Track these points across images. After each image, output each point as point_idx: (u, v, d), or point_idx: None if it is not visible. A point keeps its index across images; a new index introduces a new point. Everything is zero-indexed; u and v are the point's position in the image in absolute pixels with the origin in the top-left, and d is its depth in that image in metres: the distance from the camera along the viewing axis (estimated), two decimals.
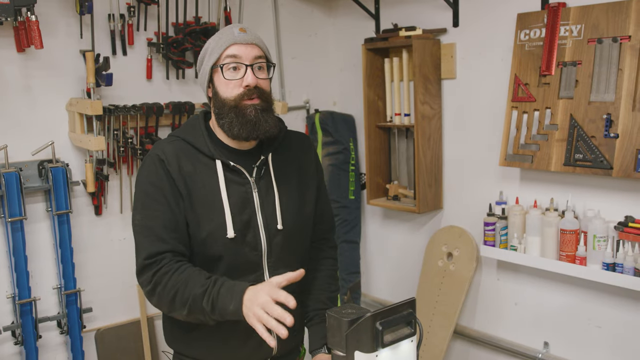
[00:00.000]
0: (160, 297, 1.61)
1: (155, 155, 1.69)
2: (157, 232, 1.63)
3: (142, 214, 1.66)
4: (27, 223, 2.55)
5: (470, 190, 2.94)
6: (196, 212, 1.67)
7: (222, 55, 1.66)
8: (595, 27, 2.33)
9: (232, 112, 1.66)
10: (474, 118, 2.88)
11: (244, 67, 1.66)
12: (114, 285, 2.86)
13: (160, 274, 1.60)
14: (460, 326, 3.03)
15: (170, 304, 1.60)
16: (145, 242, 1.63)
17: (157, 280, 1.60)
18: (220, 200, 1.68)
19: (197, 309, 1.56)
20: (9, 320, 2.58)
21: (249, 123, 1.65)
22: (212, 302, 1.54)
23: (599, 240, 2.34)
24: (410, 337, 1.41)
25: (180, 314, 1.60)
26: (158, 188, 1.66)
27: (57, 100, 2.65)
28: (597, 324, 2.54)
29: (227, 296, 1.53)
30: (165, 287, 1.59)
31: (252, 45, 1.68)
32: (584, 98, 2.36)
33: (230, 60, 1.65)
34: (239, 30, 1.67)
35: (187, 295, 1.56)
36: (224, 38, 1.67)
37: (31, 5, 2.34)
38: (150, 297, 1.64)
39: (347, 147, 3.44)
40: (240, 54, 1.65)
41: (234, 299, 1.52)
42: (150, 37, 2.86)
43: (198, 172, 1.69)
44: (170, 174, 1.66)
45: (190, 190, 1.67)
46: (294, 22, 3.43)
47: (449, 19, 2.91)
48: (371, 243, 3.57)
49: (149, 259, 1.62)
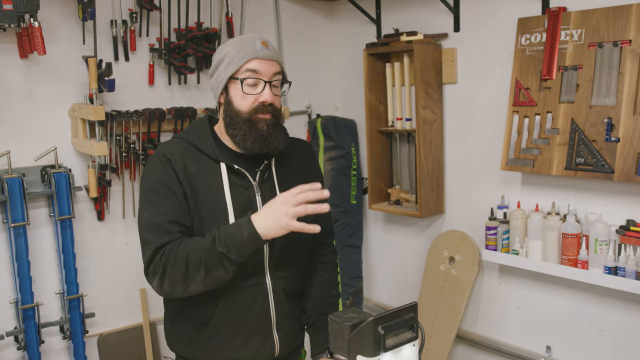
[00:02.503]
0: (172, 274, 1.58)
1: (161, 154, 1.70)
2: (165, 226, 1.63)
3: (149, 211, 1.66)
4: (30, 228, 2.56)
5: (471, 194, 2.95)
6: (200, 213, 1.67)
7: (242, 67, 1.66)
8: (596, 31, 2.33)
9: (245, 125, 1.67)
10: (475, 122, 2.89)
11: (262, 83, 1.67)
12: (117, 291, 2.87)
13: (166, 254, 1.59)
14: (462, 330, 3.03)
15: (185, 275, 1.57)
16: (154, 237, 1.62)
17: (164, 261, 1.58)
18: (224, 202, 1.68)
19: (213, 259, 1.54)
20: (11, 325, 2.58)
21: (260, 138, 1.67)
22: (225, 242, 1.54)
23: (601, 244, 2.34)
24: (412, 342, 1.42)
25: (198, 279, 1.57)
26: (165, 185, 1.66)
27: (59, 106, 2.66)
28: (599, 328, 2.54)
29: (236, 229, 1.55)
30: (174, 263, 1.57)
31: (273, 62, 1.68)
32: (585, 102, 2.36)
33: (251, 75, 1.66)
34: (261, 44, 1.67)
35: (198, 253, 1.56)
36: (246, 50, 1.66)
37: (34, 11, 2.35)
38: (161, 282, 1.61)
39: (348, 152, 3.44)
40: (260, 69, 1.66)
41: (243, 227, 1.54)
42: (153, 43, 2.87)
43: (203, 173, 1.69)
44: (176, 172, 1.67)
45: (194, 191, 1.67)
46: (296, 27, 3.44)
47: (450, 23, 2.92)
48: (373, 247, 3.57)
49: (156, 251, 1.61)
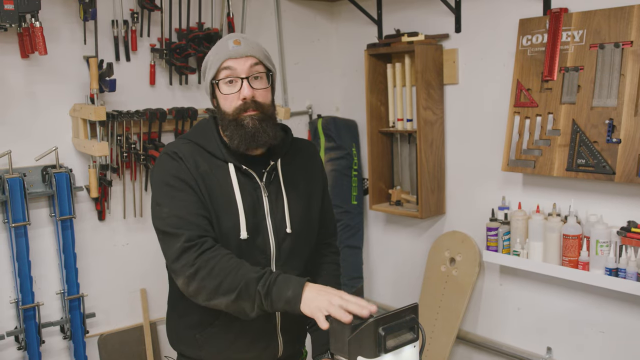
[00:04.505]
0: (204, 281, 1.55)
1: (172, 152, 1.69)
2: (190, 219, 1.60)
3: (170, 206, 1.63)
4: (31, 228, 2.56)
5: (472, 195, 2.94)
6: (215, 209, 1.67)
7: (219, 70, 1.67)
8: (597, 32, 2.33)
9: (232, 125, 1.67)
10: (476, 123, 2.89)
11: (239, 80, 1.67)
12: (117, 291, 2.87)
13: (205, 258, 1.56)
14: (463, 331, 3.03)
15: (215, 289, 1.54)
16: (181, 230, 1.58)
17: (200, 265, 1.55)
18: (234, 202, 1.68)
19: (249, 293, 1.51)
20: (12, 325, 2.59)
21: (247, 134, 1.66)
22: (268, 287, 1.50)
23: (602, 245, 2.34)
24: (412, 343, 1.42)
25: (224, 301, 1.55)
26: (181, 179, 1.64)
27: (60, 106, 2.66)
28: (600, 329, 2.54)
29: (285, 283, 1.51)
30: (211, 272, 1.54)
31: (247, 57, 1.67)
32: (586, 103, 2.36)
33: (225, 74, 1.67)
34: (233, 43, 1.67)
35: (239, 279, 1.52)
36: (220, 52, 1.68)
37: (35, 11, 2.34)
38: (189, 281, 1.57)
39: (349, 153, 3.44)
40: (235, 66, 1.66)
41: (292, 286, 1.49)
42: (154, 43, 2.87)
43: (214, 172, 1.69)
44: (189, 169, 1.66)
45: (208, 188, 1.66)
46: (297, 28, 3.44)
47: (452, 24, 2.92)
48: (374, 248, 3.56)
49: (189, 242, 1.57)
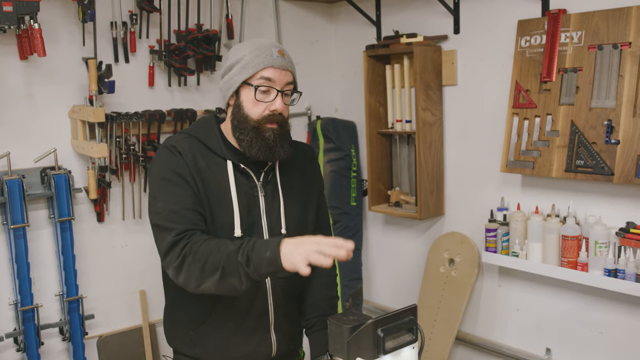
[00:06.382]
0: (190, 267, 1.56)
1: (171, 146, 1.70)
2: (184, 214, 1.62)
3: (165, 200, 1.64)
4: (30, 230, 2.55)
5: (471, 196, 2.94)
6: (211, 206, 1.67)
7: (256, 74, 1.66)
8: (596, 33, 2.33)
9: (253, 132, 1.68)
10: (475, 124, 2.89)
11: (274, 92, 1.67)
12: (116, 292, 2.87)
13: (190, 245, 1.58)
14: (462, 332, 3.03)
15: (201, 272, 1.55)
16: (173, 224, 1.60)
17: (186, 252, 1.57)
18: (230, 199, 1.69)
19: (231, 266, 1.52)
20: (11, 327, 2.58)
21: (267, 146, 1.68)
22: (247, 255, 1.51)
23: (601, 246, 2.34)
24: (411, 344, 1.42)
25: (212, 281, 1.55)
26: (178, 174, 1.65)
27: (59, 107, 2.66)
28: (599, 330, 2.54)
29: (263, 246, 1.52)
30: (195, 256, 1.56)
31: (287, 72, 1.69)
32: (585, 104, 2.36)
33: (264, 82, 1.66)
34: (277, 53, 1.68)
35: (220, 256, 1.54)
36: (262, 57, 1.66)
37: (34, 13, 2.35)
38: (177, 273, 1.59)
39: (348, 154, 3.44)
40: (275, 78, 1.67)
41: (269, 247, 1.50)
42: (152, 45, 2.87)
43: (211, 169, 1.70)
44: (187, 164, 1.67)
45: (205, 184, 1.67)
46: (296, 29, 3.44)
47: (450, 25, 2.92)
48: (373, 249, 3.56)
49: (179, 235, 1.59)
